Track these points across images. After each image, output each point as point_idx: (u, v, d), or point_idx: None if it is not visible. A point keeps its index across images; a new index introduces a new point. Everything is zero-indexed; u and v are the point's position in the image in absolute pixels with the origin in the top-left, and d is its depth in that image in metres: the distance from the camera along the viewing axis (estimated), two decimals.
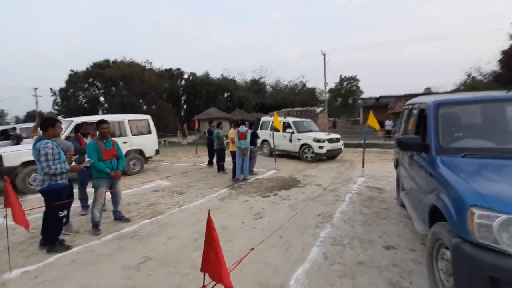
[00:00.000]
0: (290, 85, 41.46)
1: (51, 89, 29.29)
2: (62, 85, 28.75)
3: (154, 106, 28.08)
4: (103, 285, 2.65)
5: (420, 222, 2.84)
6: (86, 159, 3.83)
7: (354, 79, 41.74)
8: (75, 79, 28.41)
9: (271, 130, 10.28)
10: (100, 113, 27.04)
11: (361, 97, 39.03)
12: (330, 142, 9.86)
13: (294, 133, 10.45)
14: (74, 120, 7.34)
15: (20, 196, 6.05)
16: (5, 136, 10.22)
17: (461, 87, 27.98)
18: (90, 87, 29.21)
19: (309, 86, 41.56)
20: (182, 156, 13.25)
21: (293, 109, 22.46)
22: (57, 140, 3.59)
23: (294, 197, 5.48)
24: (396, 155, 4.81)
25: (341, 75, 41.43)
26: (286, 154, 10.97)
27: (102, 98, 29.42)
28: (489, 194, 1.75)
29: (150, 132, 9.04)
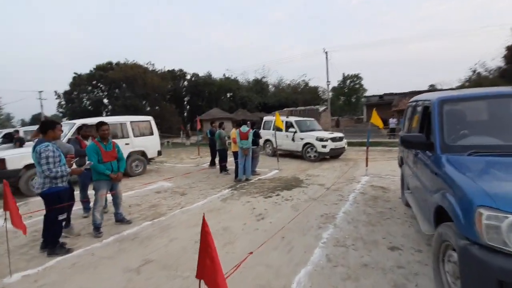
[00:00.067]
0: (292, 84, 41.42)
1: (56, 92, 29.67)
2: (67, 87, 29.10)
3: (157, 107, 28.21)
4: None
5: (425, 222, 2.77)
6: (87, 162, 3.82)
7: (357, 77, 41.35)
8: (79, 82, 28.69)
9: (274, 130, 10.24)
10: (104, 115, 27.22)
11: (364, 95, 38.79)
12: (333, 141, 9.78)
13: (296, 132, 10.39)
14: (76, 122, 7.36)
15: (23, 198, 6.10)
16: (10, 139, 10.30)
17: (466, 84, 27.64)
18: (94, 90, 29.46)
19: (311, 85, 41.53)
20: (185, 156, 13.26)
21: (295, 108, 22.34)
22: (57, 142, 3.59)
23: (296, 197, 5.41)
24: (400, 154, 4.73)
25: (344, 73, 41.12)
26: (289, 154, 10.91)
27: (106, 100, 29.65)
28: (497, 193, 1.68)
29: (152, 133, 9.05)
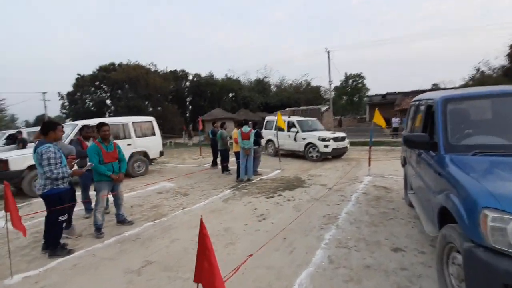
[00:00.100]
0: (294, 84, 41.28)
1: (59, 93, 29.74)
2: (70, 89, 29.22)
3: (159, 108, 28.24)
4: None
5: (429, 223, 2.73)
6: (88, 163, 3.82)
7: (359, 76, 41.19)
8: (82, 83, 28.78)
9: (276, 130, 10.21)
10: (107, 115, 27.32)
11: (367, 94, 38.62)
12: (335, 141, 9.73)
13: (298, 132, 10.36)
14: (78, 123, 7.39)
15: (26, 199, 6.13)
16: (13, 140, 10.36)
17: (469, 82, 27.35)
18: (96, 91, 29.55)
19: (314, 84, 41.31)
20: (187, 157, 13.27)
21: (298, 108, 22.29)
22: (58, 143, 3.59)
23: (298, 197, 5.38)
24: (403, 153, 4.68)
25: (346, 73, 40.98)
26: (291, 154, 10.87)
27: (108, 101, 29.72)
28: (503, 194, 1.64)
29: (154, 133, 9.07)
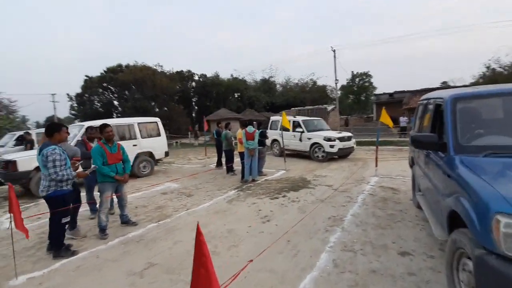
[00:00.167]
0: (300, 83, 41.09)
1: (68, 94, 30.29)
2: (78, 90, 29.70)
3: (166, 109, 28.47)
4: None
5: (438, 227, 2.63)
6: (92, 166, 3.84)
7: (366, 75, 40.69)
8: (90, 84, 29.22)
9: (281, 130, 10.14)
10: (114, 116, 27.64)
11: (374, 93, 38.08)
12: (341, 141, 9.60)
13: (304, 132, 10.26)
14: (85, 124, 7.47)
15: (34, 200, 6.22)
16: (22, 141, 10.53)
17: (480, 80, 26.69)
18: (104, 92, 29.97)
19: (320, 83, 41.05)
20: (193, 157, 13.31)
21: (303, 107, 22.14)
22: (63, 145, 3.61)
23: (303, 198, 5.31)
24: (411, 153, 4.56)
25: (352, 72, 40.54)
26: (296, 154, 10.79)
27: (116, 102, 30.11)
28: None
29: (159, 134, 9.11)
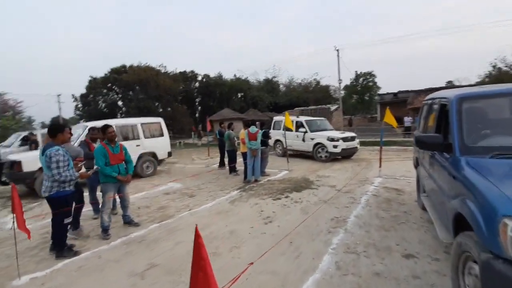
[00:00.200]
0: (303, 83, 40.94)
1: (73, 95, 30.55)
2: (83, 91, 29.95)
3: (169, 109, 28.55)
4: None
5: (443, 229, 2.58)
6: (94, 167, 3.86)
7: (370, 75, 40.34)
8: (95, 85, 29.44)
9: (284, 130, 10.10)
10: (118, 116, 27.79)
11: (378, 93, 37.79)
12: (344, 141, 9.54)
13: (307, 132, 10.22)
14: (88, 124, 7.52)
15: (38, 199, 6.26)
16: (27, 141, 10.63)
17: (486, 79, 26.32)
18: (108, 92, 30.17)
19: (323, 83, 40.85)
20: (196, 157, 13.32)
21: (307, 107, 22.04)
22: (66, 146, 3.62)
23: (306, 199, 5.27)
24: (415, 154, 4.50)
25: (356, 71, 40.26)
26: (299, 154, 10.74)
27: (120, 103, 30.30)
28: None
29: (162, 134, 9.14)
